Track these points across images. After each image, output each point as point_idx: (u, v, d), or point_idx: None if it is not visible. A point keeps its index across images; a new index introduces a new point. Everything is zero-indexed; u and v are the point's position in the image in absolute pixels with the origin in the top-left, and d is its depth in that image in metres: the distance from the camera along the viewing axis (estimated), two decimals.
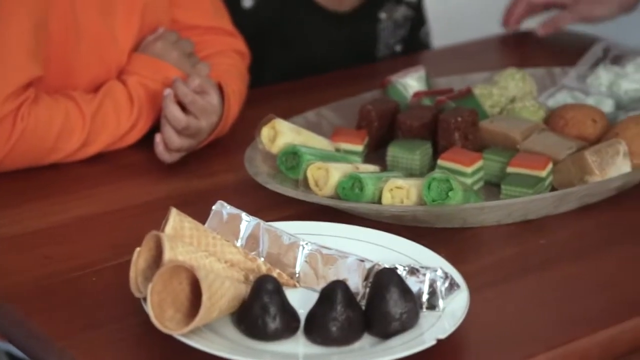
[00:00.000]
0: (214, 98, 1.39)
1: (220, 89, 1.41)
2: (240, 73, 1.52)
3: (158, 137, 1.37)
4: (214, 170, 1.39)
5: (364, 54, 1.82)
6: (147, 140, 1.44)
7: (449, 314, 1.04)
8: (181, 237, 1.07)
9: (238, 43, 1.57)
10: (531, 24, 1.88)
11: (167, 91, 1.37)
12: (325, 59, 1.79)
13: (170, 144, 1.37)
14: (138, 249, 1.05)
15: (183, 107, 1.37)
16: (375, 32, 1.82)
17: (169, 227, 1.08)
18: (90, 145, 1.38)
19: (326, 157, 1.33)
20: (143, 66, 1.42)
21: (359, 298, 1.07)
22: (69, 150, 1.37)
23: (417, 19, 1.88)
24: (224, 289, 1.01)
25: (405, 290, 1.03)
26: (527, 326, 1.07)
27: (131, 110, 1.40)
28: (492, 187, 1.32)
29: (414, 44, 1.88)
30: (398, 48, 1.85)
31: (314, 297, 1.04)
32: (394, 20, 1.83)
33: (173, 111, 1.36)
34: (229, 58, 1.52)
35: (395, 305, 1.02)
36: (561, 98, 1.50)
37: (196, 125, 1.37)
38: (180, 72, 1.42)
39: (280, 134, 1.34)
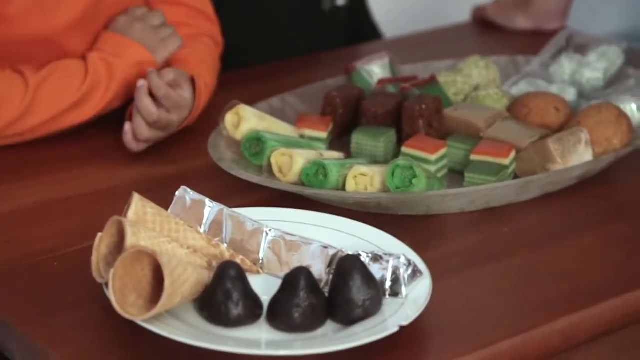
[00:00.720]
0: (186, 92, 1.39)
1: (193, 82, 1.40)
2: (214, 63, 1.51)
3: (127, 126, 1.36)
4: (178, 156, 1.38)
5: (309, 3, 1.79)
6: (110, 125, 1.42)
7: (411, 301, 1.04)
8: (144, 223, 1.07)
9: (215, 30, 1.56)
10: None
11: (141, 82, 1.36)
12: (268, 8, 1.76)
13: (139, 135, 1.36)
14: (100, 234, 1.04)
15: (155, 99, 1.36)
16: None
17: (131, 213, 1.07)
18: (33, 114, 1.35)
19: (290, 144, 1.32)
20: (104, 42, 1.41)
21: (322, 285, 1.07)
22: (8, 118, 1.34)
23: None
24: (186, 275, 1.00)
25: (368, 277, 1.03)
26: (490, 313, 1.08)
27: (83, 81, 1.38)
28: (456, 174, 1.33)
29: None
30: (341, 1, 1.82)
31: (277, 284, 1.04)
32: None
33: (146, 104, 1.35)
34: (206, 46, 1.52)
35: (358, 292, 1.02)
36: (524, 86, 1.50)
37: (167, 118, 1.36)
38: (142, 48, 1.41)
39: (244, 120, 1.34)
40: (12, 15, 1.36)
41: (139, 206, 1.08)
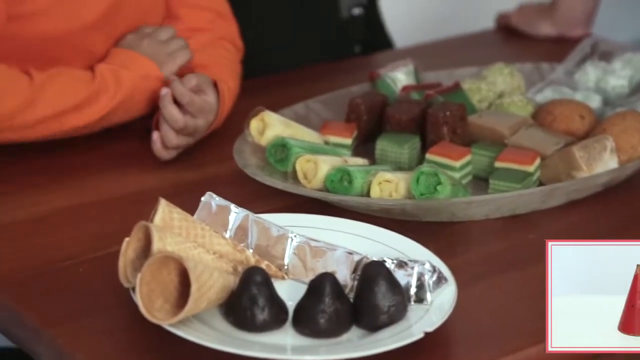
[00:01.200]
0: (210, 97, 1.39)
1: (216, 86, 1.41)
2: (236, 68, 1.52)
3: (155, 135, 1.37)
4: (204, 162, 1.39)
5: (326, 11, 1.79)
6: (137, 131, 1.43)
7: (436, 307, 1.05)
8: (170, 228, 1.07)
9: (235, 33, 1.57)
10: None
11: (164, 91, 1.36)
12: (284, 15, 1.77)
13: (167, 142, 1.37)
14: (127, 239, 1.05)
15: (180, 106, 1.37)
16: None
17: (158, 218, 1.08)
18: (36, 107, 1.34)
19: (315, 150, 1.33)
20: (113, 56, 1.42)
21: (347, 290, 1.07)
22: (10, 107, 1.33)
23: None
24: (212, 280, 1.01)
25: (393, 283, 1.03)
26: (515, 320, 1.08)
27: (89, 84, 1.37)
28: (480, 181, 1.33)
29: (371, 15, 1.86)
30: (356, 11, 1.83)
31: (302, 289, 1.04)
32: None
33: (171, 111, 1.35)
34: (227, 51, 1.52)
35: (383, 298, 1.02)
36: (549, 94, 1.50)
37: (194, 124, 1.37)
38: (150, 61, 1.41)
39: (269, 126, 1.34)
40: (37, 11, 1.37)
41: (165, 211, 1.08)
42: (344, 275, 1.08)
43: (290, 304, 1.04)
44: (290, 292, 1.06)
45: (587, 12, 1.80)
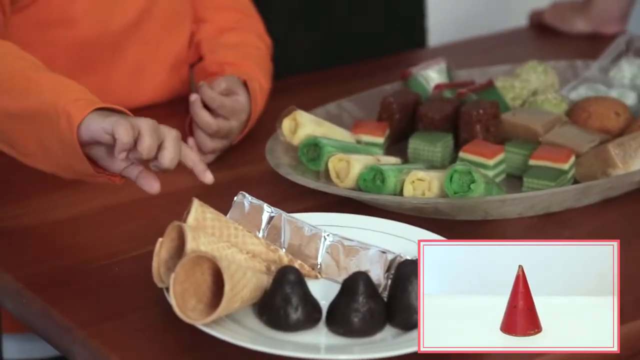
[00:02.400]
0: (242, 97, 1.39)
1: (246, 85, 1.41)
2: (267, 65, 1.52)
3: (191, 141, 1.36)
4: (236, 162, 1.39)
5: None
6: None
7: None
8: (203, 228, 1.08)
9: (262, 30, 1.57)
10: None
11: (194, 97, 1.35)
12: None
13: (203, 147, 1.36)
14: (160, 239, 1.05)
15: (211, 110, 1.36)
16: None
17: (191, 218, 1.08)
18: None
19: (347, 149, 1.33)
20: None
21: (380, 290, 1.06)
22: None
23: None
24: (245, 280, 1.01)
25: None
26: None
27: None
28: (514, 179, 1.32)
29: None
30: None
31: (335, 288, 1.04)
32: None
33: (202, 117, 1.35)
34: (257, 49, 1.52)
35: (417, 297, 1.02)
36: (583, 91, 1.49)
37: (227, 126, 1.37)
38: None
39: (301, 125, 1.34)
40: (74, 18, 1.38)
41: (198, 211, 1.08)
42: (378, 274, 1.08)
43: (324, 303, 1.04)
44: (323, 291, 1.06)
45: (622, 9, 1.78)
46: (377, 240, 1.12)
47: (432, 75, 1.52)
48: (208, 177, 1.13)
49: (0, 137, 1.19)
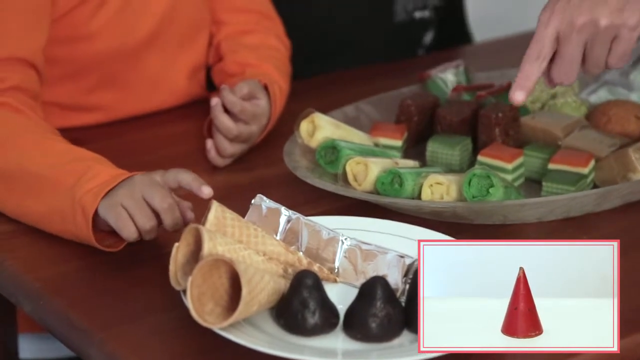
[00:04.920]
0: (262, 101, 1.38)
1: (266, 88, 1.41)
2: (286, 68, 1.51)
3: (209, 144, 1.36)
4: (254, 164, 1.39)
5: (381, 12, 1.77)
6: (184, 135, 1.44)
7: None
8: (223, 227, 1.07)
9: (281, 32, 1.56)
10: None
11: (215, 101, 1.35)
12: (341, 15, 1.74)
13: (222, 151, 1.36)
14: (176, 244, 1.04)
15: (231, 114, 1.36)
16: None
17: (211, 216, 1.08)
18: None
19: (365, 152, 1.32)
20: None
21: (398, 294, 1.06)
22: None
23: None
24: (263, 283, 1.01)
25: None
26: None
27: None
28: (533, 183, 1.31)
29: (448, 21, 1.84)
30: (417, 15, 1.80)
31: (353, 293, 1.03)
32: None
33: (223, 121, 1.34)
34: (276, 51, 1.52)
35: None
36: (604, 94, 1.48)
37: (248, 130, 1.36)
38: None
39: (319, 128, 1.34)
40: (94, 32, 1.38)
41: (218, 211, 1.08)
42: (395, 279, 1.07)
43: (341, 307, 1.03)
44: (341, 295, 1.06)
45: None
46: (395, 244, 1.12)
47: (451, 78, 1.51)
48: (206, 192, 1.15)
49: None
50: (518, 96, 1.13)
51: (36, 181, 1.19)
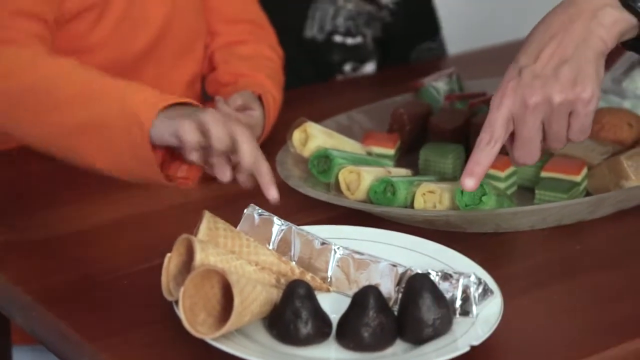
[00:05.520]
0: (256, 112, 1.39)
1: (260, 99, 1.41)
2: (279, 77, 1.52)
3: None
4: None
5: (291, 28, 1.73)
6: None
7: (482, 320, 1.03)
8: (215, 237, 1.07)
9: (274, 41, 1.57)
10: None
11: None
12: None
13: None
14: (169, 254, 1.04)
15: None
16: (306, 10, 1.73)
17: (204, 227, 1.08)
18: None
19: (358, 161, 1.32)
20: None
21: (391, 303, 1.06)
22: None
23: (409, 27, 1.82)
24: (255, 293, 1.00)
25: (438, 296, 1.02)
26: (562, 333, 1.06)
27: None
28: (526, 191, 1.31)
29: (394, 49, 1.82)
30: (338, 38, 1.77)
31: (346, 302, 1.03)
32: (338, 7, 1.76)
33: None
34: (269, 60, 1.52)
35: (428, 311, 1.01)
36: None
37: None
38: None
39: (312, 137, 1.34)
40: (93, 45, 1.38)
41: (210, 221, 1.08)
42: (388, 288, 1.07)
43: (334, 317, 1.03)
44: (333, 305, 1.05)
45: None
46: (388, 253, 1.11)
47: (443, 86, 1.51)
48: (272, 194, 1.11)
49: (61, 151, 1.19)
50: (468, 183, 1.09)
51: (82, 88, 1.12)
